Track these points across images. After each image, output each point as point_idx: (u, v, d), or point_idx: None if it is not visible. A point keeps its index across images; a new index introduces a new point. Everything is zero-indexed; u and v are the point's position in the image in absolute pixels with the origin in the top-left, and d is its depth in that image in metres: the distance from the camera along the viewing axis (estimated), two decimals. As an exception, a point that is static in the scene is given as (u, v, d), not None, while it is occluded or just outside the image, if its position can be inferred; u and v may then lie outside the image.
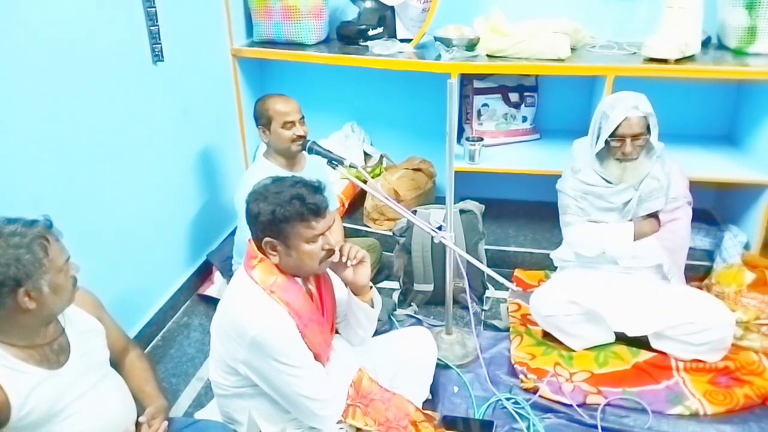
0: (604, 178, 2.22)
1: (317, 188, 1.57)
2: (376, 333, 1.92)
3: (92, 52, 1.98)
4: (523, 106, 2.98)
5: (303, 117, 2.30)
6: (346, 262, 1.66)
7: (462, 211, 2.52)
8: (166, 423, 1.58)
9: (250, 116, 3.03)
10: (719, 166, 2.63)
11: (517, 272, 2.79)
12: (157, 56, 2.31)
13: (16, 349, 1.37)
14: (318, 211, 1.54)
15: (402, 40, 2.86)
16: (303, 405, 1.59)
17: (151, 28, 2.26)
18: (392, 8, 2.88)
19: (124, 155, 2.19)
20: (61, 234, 1.40)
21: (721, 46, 2.69)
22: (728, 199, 2.89)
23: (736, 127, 2.88)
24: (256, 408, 1.65)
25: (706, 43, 2.64)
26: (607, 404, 2.00)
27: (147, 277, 2.39)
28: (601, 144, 2.16)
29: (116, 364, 1.67)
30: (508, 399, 2.05)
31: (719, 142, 2.89)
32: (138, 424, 1.56)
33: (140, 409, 1.61)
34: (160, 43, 2.30)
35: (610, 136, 2.12)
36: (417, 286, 2.59)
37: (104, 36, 2.04)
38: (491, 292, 2.66)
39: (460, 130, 3.04)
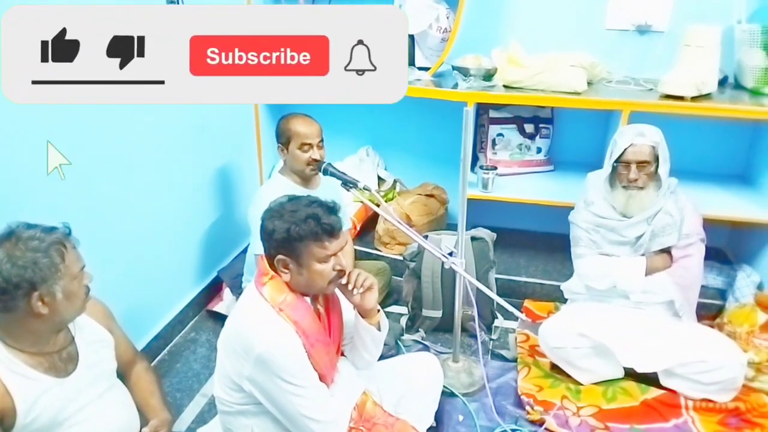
0: (619, 212, 2.22)
1: (332, 209, 1.58)
2: (382, 357, 1.91)
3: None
4: (537, 137, 2.99)
5: (322, 140, 2.30)
6: (353, 290, 1.67)
7: (473, 239, 2.52)
8: (169, 437, 1.58)
9: (267, 136, 3.08)
10: (733, 205, 2.62)
11: (527, 303, 2.78)
12: (180, 74, 2.35)
13: (26, 355, 1.38)
14: (332, 231, 1.55)
15: (420, 68, 2.90)
16: (305, 425, 1.57)
17: (176, 46, 2.31)
18: (412, 36, 2.91)
19: (142, 169, 2.22)
20: (78, 242, 1.42)
21: (738, 86, 2.70)
22: (742, 239, 2.88)
23: (751, 167, 2.88)
24: (259, 426, 1.64)
25: (723, 82, 2.65)
26: (614, 440, 1.97)
27: (157, 290, 2.41)
28: (608, 168, 2.20)
29: (123, 375, 1.68)
30: (513, 430, 2.03)
31: (734, 180, 2.88)
32: (141, 437, 1.57)
33: (144, 422, 1.61)
34: (184, 62, 2.35)
35: (616, 161, 2.15)
36: (425, 312, 2.58)
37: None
38: (500, 322, 2.65)
39: (474, 159, 3.06)
